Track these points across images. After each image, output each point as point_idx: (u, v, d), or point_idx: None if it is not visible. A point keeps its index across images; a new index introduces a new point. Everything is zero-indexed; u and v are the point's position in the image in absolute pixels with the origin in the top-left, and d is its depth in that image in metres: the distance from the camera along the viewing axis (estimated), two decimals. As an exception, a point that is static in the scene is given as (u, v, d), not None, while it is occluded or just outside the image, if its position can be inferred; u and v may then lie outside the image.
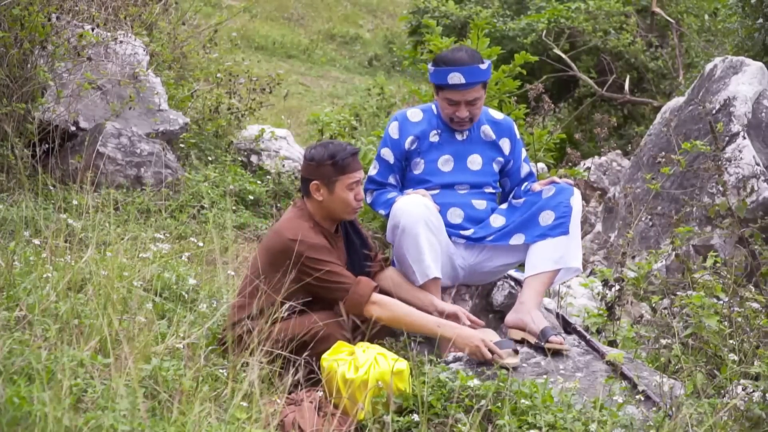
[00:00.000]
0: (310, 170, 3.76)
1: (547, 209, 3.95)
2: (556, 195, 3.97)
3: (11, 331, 3.01)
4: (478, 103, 4.06)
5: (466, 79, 3.98)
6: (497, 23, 11.98)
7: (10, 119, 5.36)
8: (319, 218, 3.79)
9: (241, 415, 2.83)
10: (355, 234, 3.93)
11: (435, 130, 4.13)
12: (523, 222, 3.98)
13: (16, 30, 5.39)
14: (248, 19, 15.26)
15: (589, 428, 3.07)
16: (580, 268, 4.00)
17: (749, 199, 5.27)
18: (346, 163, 3.72)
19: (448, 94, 4.03)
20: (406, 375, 3.36)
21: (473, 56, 4.04)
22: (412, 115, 4.15)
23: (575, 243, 3.94)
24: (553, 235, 3.91)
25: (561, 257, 3.91)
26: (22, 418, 2.49)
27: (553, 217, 3.93)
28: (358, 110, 9.93)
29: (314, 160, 3.74)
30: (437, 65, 4.04)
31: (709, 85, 6.06)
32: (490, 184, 4.17)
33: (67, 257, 3.70)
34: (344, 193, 3.73)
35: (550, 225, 3.93)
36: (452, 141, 4.14)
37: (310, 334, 3.55)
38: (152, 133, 6.20)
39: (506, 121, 4.24)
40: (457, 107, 4.03)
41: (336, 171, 3.72)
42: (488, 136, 4.18)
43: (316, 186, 3.75)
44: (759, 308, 3.86)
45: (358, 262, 3.92)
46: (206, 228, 5.58)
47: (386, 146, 4.12)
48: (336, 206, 3.76)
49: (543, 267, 3.90)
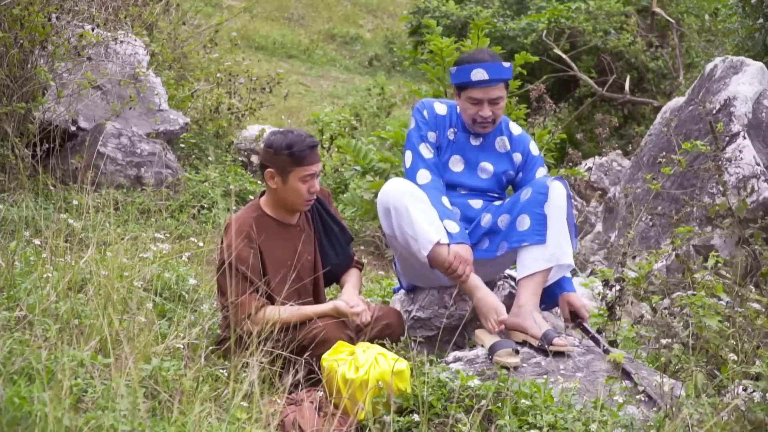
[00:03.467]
0: (267, 157, 3.72)
1: (523, 213, 3.94)
2: (531, 199, 3.93)
3: (11, 331, 3.02)
4: (501, 103, 4.05)
5: (490, 75, 3.99)
6: (497, 23, 11.99)
7: (11, 119, 5.37)
8: (270, 206, 3.78)
9: (242, 415, 2.83)
10: (333, 222, 3.94)
11: (453, 128, 4.12)
12: (505, 230, 3.97)
13: (16, 30, 5.39)
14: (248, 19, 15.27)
15: (590, 428, 3.07)
16: (572, 264, 3.96)
17: (749, 199, 5.27)
18: (303, 155, 3.68)
19: (471, 93, 4.02)
20: (407, 375, 3.36)
21: (495, 56, 4.09)
22: (438, 108, 4.13)
23: (563, 239, 3.91)
24: (529, 242, 3.90)
25: (552, 255, 3.89)
26: (23, 418, 2.49)
27: (528, 223, 3.91)
28: (358, 110, 9.93)
29: (272, 148, 3.70)
30: (460, 65, 4.05)
31: (709, 85, 6.06)
32: (495, 191, 4.17)
33: (67, 257, 3.70)
34: (297, 184, 3.70)
35: (526, 231, 3.91)
36: (466, 144, 4.12)
37: (312, 334, 3.55)
38: (152, 133, 6.20)
39: (523, 136, 4.22)
40: (480, 106, 4.02)
41: (291, 162, 3.68)
42: (503, 147, 4.17)
43: (271, 174, 3.72)
44: (759, 308, 3.86)
45: (340, 248, 3.93)
46: (206, 228, 5.59)
47: (430, 129, 4.09)
48: (288, 196, 3.73)
49: (535, 267, 3.89)
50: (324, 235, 3.91)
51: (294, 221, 3.83)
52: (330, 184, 7.14)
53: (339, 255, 3.92)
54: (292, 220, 3.82)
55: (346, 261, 3.97)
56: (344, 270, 3.98)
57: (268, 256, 3.70)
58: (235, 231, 3.65)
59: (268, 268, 3.69)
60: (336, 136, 8.04)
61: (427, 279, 4.10)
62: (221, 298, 3.65)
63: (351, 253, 4.00)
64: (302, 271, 3.80)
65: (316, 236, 3.89)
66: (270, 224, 3.76)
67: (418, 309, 4.16)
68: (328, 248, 3.92)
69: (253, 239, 3.66)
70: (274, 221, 3.78)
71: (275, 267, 3.71)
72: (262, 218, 3.75)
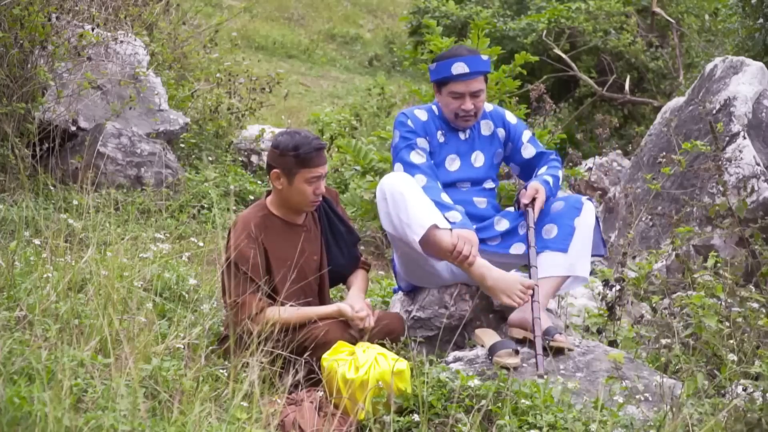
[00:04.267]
0: (274, 157, 3.72)
1: (552, 223, 4.00)
2: (562, 211, 4.00)
3: (11, 331, 3.02)
4: (482, 95, 4.10)
5: (470, 68, 4.03)
6: (497, 23, 11.98)
7: (11, 119, 5.37)
8: (276, 206, 3.78)
9: (242, 415, 2.83)
10: (339, 222, 3.94)
11: (440, 131, 4.16)
12: (526, 234, 3.99)
13: (16, 30, 5.39)
14: (248, 19, 15.26)
15: (590, 428, 3.07)
16: (587, 279, 4.06)
17: (749, 199, 5.27)
18: (310, 157, 3.68)
19: (452, 87, 4.06)
20: (407, 375, 3.36)
21: (473, 50, 4.15)
22: (419, 114, 4.16)
23: (585, 254, 3.99)
24: (552, 249, 3.94)
25: (571, 265, 3.96)
26: (23, 418, 2.49)
27: (555, 231, 3.98)
28: (358, 110, 9.93)
29: (279, 148, 3.70)
30: (439, 61, 4.08)
31: (709, 85, 6.06)
32: (491, 178, 4.22)
33: (67, 257, 3.70)
34: (303, 186, 3.70)
35: (552, 239, 3.97)
36: (457, 140, 4.18)
37: (314, 334, 3.54)
38: (152, 133, 6.20)
39: (496, 109, 4.30)
40: (462, 100, 4.06)
41: (298, 163, 3.68)
42: (488, 130, 4.24)
43: (277, 174, 3.72)
44: (759, 308, 3.86)
45: (347, 249, 3.93)
46: (206, 228, 5.59)
47: (419, 136, 4.10)
48: (293, 197, 3.73)
49: (553, 272, 3.94)
50: (330, 235, 3.92)
51: (300, 221, 3.83)
52: (330, 184, 7.14)
53: (345, 255, 3.92)
54: (298, 219, 3.82)
55: (352, 261, 3.97)
56: (350, 271, 3.97)
57: (273, 256, 3.70)
58: (239, 230, 3.65)
59: (273, 267, 3.69)
60: (336, 136, 8.04)
61: (429, 277, 4.09)
62: (223, 297, 3.66)
63: (357, 254, 4.00)
64: (308, 271, 3.80)
65: (322, 236, 3.89)
66: (276, 224, 3.76)
67: (418, 309, 4.16)
68: (334, 248, 3.92)
69: (256, 238, 3.65)
70: (280, 221, 3.78)
71: (280, 266, 3.70)
72: (268, 218, 3.76)
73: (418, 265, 4.02)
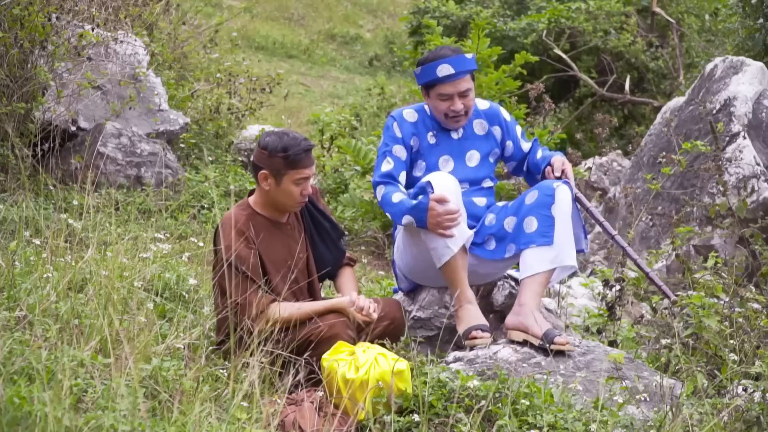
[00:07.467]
0: (261, 158, 3.71)
1: (530, 216, 3.95)
2: (537, 202, 3.96)
3: (11, 331, 3.02)
4: (470, 94, 4.09)
5: (455, 68, 4.02)
6: (497, 23, 11.97)
7: (11, 119, 5.37)
8: (261, 206, 3.77)
9: (242, 415, 2.83)
10: (323, 218, 3.93)
11: (431, 132, 4.14)
12: (513, 232, 3.98)
13: (16, 30, 5.40)
14: (249, 19, 15.26)
15: (590, 428, 3.07)
16: (575, 266, 3.99)
17: (749, 199, 5.27)
18: (298, 158, 3.67)
19: (440, 89, 4.05)
20: (407, 375, 3.36)
21: (456, 50, 4.13)
22: (408, 115, 4.15)
23: (568, 241, 3.94)
24: (538, 243, 3.91)
25: (555, 256, 3.91)
26: (23, 418, 2.49)
27: (535, 224, 3.93)
28: (358, 110, 9.93)
29: (267, 149, 3.68)
30: (423, 64, 4.08)
31: (709, 85, 6.06)
32: (488, 177, 4.20)
33: (67, 257, 3.70)
34: (291, 187, 3.69)
35: (534, 233, 3.93)
36: (449, 140, 4.15)
37: (316, 331, 3.54)
38: (152, 133, 6.20)
39: (492, 108, 4.28)
40: (451, 101, 4.05)
41: (286, 165, 3.67)
42: (482, 129, 4.22)
43: (265, 175, 3.70)
44: (759, 308, 3.86)
45: (332, 244, 3.93)
46: (206, 228, 5.59)
47: (397, 143, 4.10)
48: (280, 198, 3.73)
49: (538, 268, 3.90)
50: (315, 231, 3.91)
51: (284, 219, 3.83)
52: (330, 184, 7.14)
53: (331, 251, 3.92)
54: (283, 218, 3.82)
55: (339, 256, 3.97)
56: (337, 266, 3.97)
57: (266, 256, 3.70)
58: (228, 230, 3.64)
59: (268, 268, 3.69)
60: (336, 136, 8.04)
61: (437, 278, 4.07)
62: (221, 299, 3.63)
63: (343, 248, 4.00)
64: (297, 269, 3.80)
65: (306, 233, 3.89)
66: (263, 223, 3.75)
67: (418, 309, 4.16)
68: (320, 245, 3.91)
69: (252, 239, 3.65)
70: (266, 220, 3.77)
71: (274, 266, 3.71)
72: (255, 217, 3.75)
73: (430, 264, 4.00)
